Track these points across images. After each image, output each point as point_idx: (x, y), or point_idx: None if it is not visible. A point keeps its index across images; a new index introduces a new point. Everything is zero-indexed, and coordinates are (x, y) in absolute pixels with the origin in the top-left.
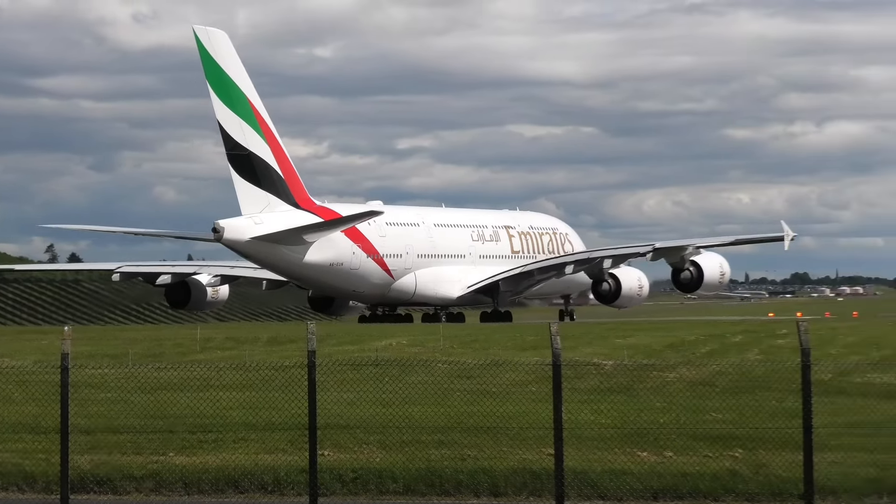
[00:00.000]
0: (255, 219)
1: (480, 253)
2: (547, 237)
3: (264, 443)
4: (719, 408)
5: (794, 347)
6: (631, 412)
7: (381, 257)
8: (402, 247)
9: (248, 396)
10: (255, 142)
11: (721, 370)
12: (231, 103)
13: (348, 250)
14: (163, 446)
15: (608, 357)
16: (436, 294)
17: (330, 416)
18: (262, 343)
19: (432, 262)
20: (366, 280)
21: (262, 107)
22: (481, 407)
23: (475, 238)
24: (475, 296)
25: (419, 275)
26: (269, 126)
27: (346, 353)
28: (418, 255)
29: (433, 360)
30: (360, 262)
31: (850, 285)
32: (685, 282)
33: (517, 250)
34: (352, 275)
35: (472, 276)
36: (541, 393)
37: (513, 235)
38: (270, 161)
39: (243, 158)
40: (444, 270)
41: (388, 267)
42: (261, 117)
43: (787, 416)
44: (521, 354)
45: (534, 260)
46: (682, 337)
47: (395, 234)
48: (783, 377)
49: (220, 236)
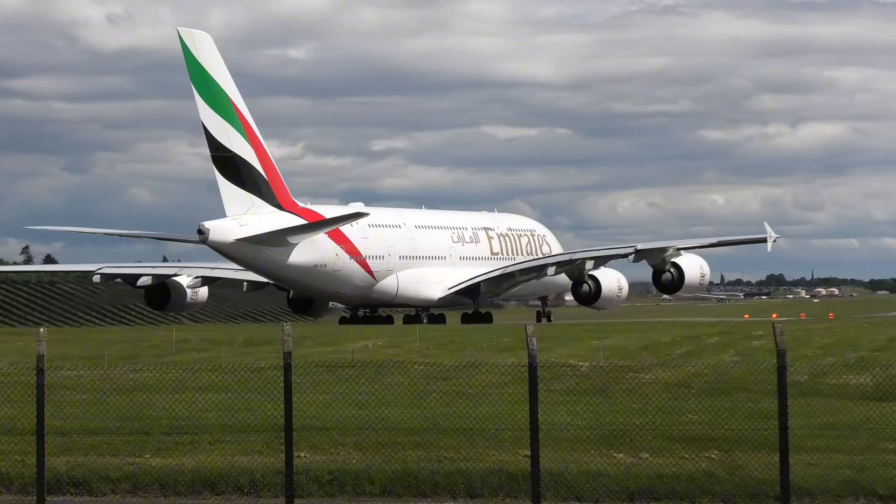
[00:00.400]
0: (240, 220)
1: (461, 254)
2: (525, 239)
3: (240, 444)
4: (695, 409)
5: (769, 349)
6: (607, 413)
7: (364, 259)
8: (385, 248)
9: (224, 398)
10: (238, 144)
11: (697, 371)
12: (215, 105)
13: (331, 252)
14: (139, 448)
15: (584, 358)
16: (417, 295)
17: (306, 418)
18: (238, 345)
19: (414, 263)
20: (348, 281)
21: (246, 108)
22: (457, 408)
23: (455, 240)
24: (456, 297)
25: (401, 276)
26: (253, 128)
27: (323, 355)
28: (400, 257)
29: (409, 362)
30: (343, 264)
31: (825, 287)
32: (666, 283)
33: (496, 252)
34: (335, 276)
35: (453, 278)
36: (517, 394)
37: (492, 237)
38: (254, 163)
39: (227, 160)
40: (426, 272)
41: (371, 268)
42: (244, 119)
43: (762, 418)
44: (497, 356)
45: (512, 261)
46: (658, 338)
47: (377, 235)
48: (759, 378)
49: (206, 238)
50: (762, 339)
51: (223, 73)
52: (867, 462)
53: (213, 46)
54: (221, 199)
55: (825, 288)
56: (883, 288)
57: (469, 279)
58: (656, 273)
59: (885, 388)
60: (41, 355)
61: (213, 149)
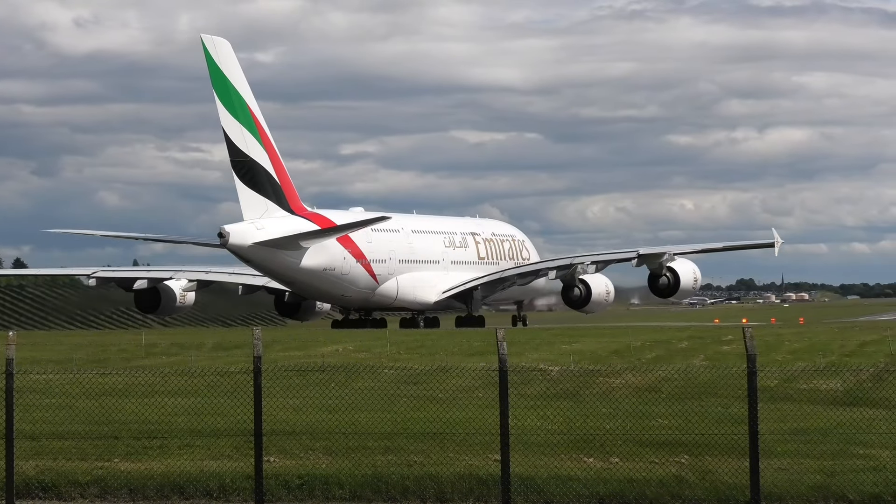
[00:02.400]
0: (257, 224)
1: (452, 259)
2: (507, 244)
3: (210, 449)
4: (665, 413)
5: (739, 353)
6: (577, 418)
7: (369, 262)
8: (387, 252)
9: (194, 402)
10: (255, 149)
11: (667, 376)
12: (234, 111)
13: (340, 255)
14: (108, 452)
15: (554, 363)
16: (415, 299)
17: (276, 422)
18: (207, 349)
19: (412, 267)
20: (354, 285)
21: (260, 114)
22: (428, 413)
23: (447, 244)
24: (449, 301)
25: (401, 280)
26: (267, 133)
27: (293, 359)
28: (399, 261)
29: (379, 366)
30: (350, 268)
31: (795, 291)
32: (662, 287)
33: (483, 256)
34: (342, 279)
35: (446, 282)
36: (487, 399)
37: (479, 242)
38: (268, 168)
39: (245, 165)
40: (423, 276)
41: (374, 272)
42: (259, 124)
43: (733, 423)
44: (467, 360)
45: (496, 266)
46: (628, 343)
47: (380, 239)
48: (729, 383)
49: (226, 241)
50: (732, 344)
51: (241, 78)
52: (837, 467)
53: (232, 53)
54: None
55: (795, 293)
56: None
57: (464, 283)
58: (653, 277)
59: (855, 394)
60: (10, 359)
61: (233, 154)
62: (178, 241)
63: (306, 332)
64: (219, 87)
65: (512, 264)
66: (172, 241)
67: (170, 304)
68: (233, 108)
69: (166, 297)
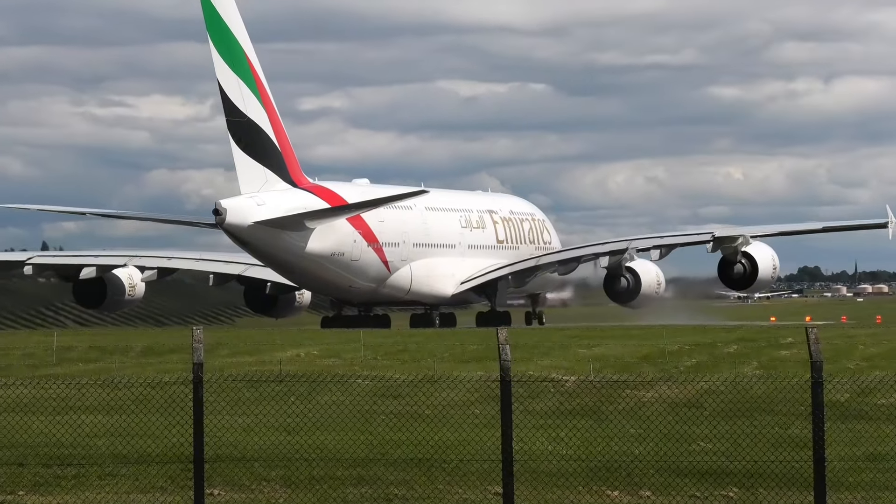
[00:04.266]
0: (257, 199)
1: (469, 242)
2: (527, 224)
3: (138, 479)
4: (709, 436)
5: (802, 360)
6: (598, 441)
7: (381, 246)
8: (400, 234)
9: (118, 421)
10: (253, 107)
11: (711, 388)
12: (232, 61)
13: (350, 238)
14: (11, 483)
15: (570, 371)
16: (430, 291)
17: (221, 446)
18: (135, 353)
19: (426, 252)
20: (364, 273)
21: (259, 66)
22: (411, 434)
23: (464, 225)
24: (466, 294)
25: (415, 268)
26: (266, 89)
27: (243, 367)
28: (413, 245)
29: (351, 375)
30: (361, 252)
31: (871, 283)
32: (736, 276)
33: (501, 239)
34: (351, 267)
35: (464, 270)
36: (486, 416)
37: (496, 222)
38: (268, 130)
39: (242, 126)
40: (438, 263)
41: (386, 258)
42: (259, 78)
43: (793, 447)
44: (461, 367)
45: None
46: (663, 346)
47: (392, 218)
48: (788, 397)
49: (223, 219)
50: (793, 348)
51: (238, 21)
52: None
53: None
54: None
55: (871, 284)
56: None
57: (488, 271)
58: (725, 265)
59: None
60: None
61: (229, 113)
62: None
63: (229, 333)
64: (214, 31)
65: (533, 248)
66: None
67: (117, 297)
68: (230, 57)
69: (113, 290)
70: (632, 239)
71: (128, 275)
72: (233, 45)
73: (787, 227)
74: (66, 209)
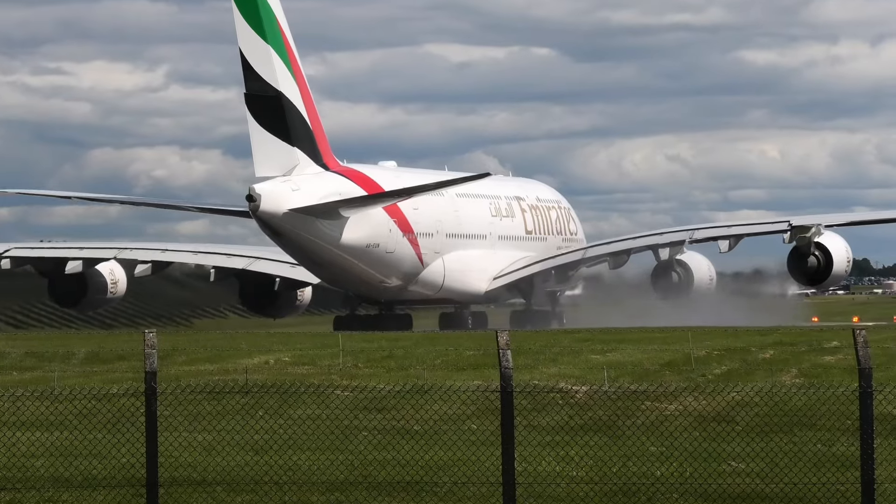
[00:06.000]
0: (291, 183)
1: (500, 233)
2: (554, 213)
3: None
4: (741, 454)
5: (848, 367)
6: (614, 460)
7: (416, 237)
8: (434, 223)
9: (59, 438)
10: (284, 79)
11: (743, 400)
12: (258, 25)
13: (385, 226)
14: None
15: (581, 380)
16: (463, 287)
17: (178, 467)
18: (78, 360)
19: (458, 243)
20: (397, 267)
21: (289, 31)
22: (398, 453)
23: (493, 213)
24: (500, 291)
25: (447, 261)
26: (297, 58)
27: (203, 376)
28: (447, 236)
29: (328, 385)
30: (396, 243)
31: None
32: (810, 270)
33: (530, 230)
34: (386, 259)
35: (495, 264)
36: (484, 432)
37: (524, 210)
38: (299, 106)
39: (269, 101)
40: (471, 256)
41: (420, 250)
42: (289, 46)
43: (838, 466)
44: (455, 376)
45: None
46: (688, 351)
47: (426, 206)
48: (833, 410)
49: (257, 206)
50: (838, 353)
51: None
52: None
53: None
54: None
55: None
56: None
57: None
58: (797, 256)
59: None
60: None
61: (249, 84)
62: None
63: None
64: None
65: (560, 240)
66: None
67: (98, 295)
68: (257, 21)
69: (94, 286)
70: (693, 228)
71: (109, 270)
72: (263, 7)
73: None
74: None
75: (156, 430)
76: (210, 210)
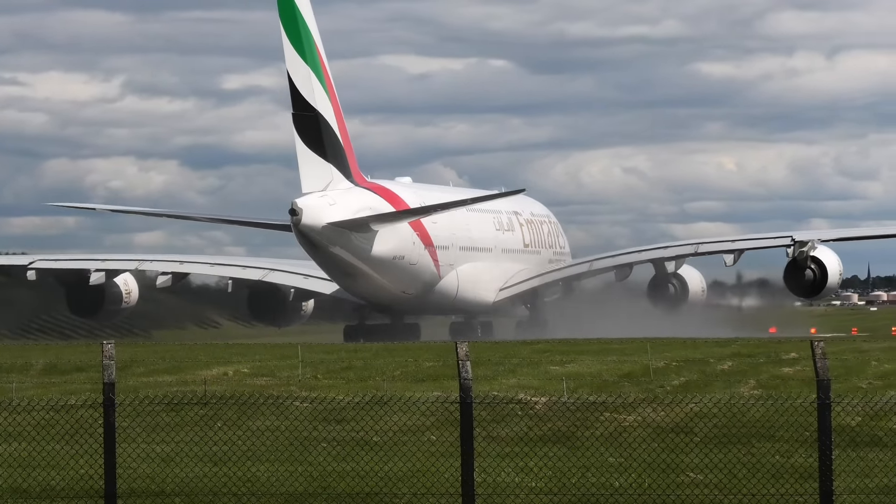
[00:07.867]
0: (328, 198)
1: (503, 246)
2: (546, 227)
3: None
4: (700, 465)
5: (806, 378)
6: (573, 471)
7: (435, 249)
8: (450, 236)
9: (16, 449)
10: (322, 100)
11: (702, 411)
12: (303, 51)
13: (409, 239)
14: None
15: (540, 391)
16: (475, 298)
17: (136, 479)
18: (36, 371)
19: (469, 256)
20: (418, 278)
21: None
22: (357, 464)
23: (497, 227)
24: (505, 302)
25: (461, 272)
26: (330, 77)
27: (161, 387)
28: (460, 248)
29: (287, 397)
30: (419, 255)
31: (886, 289)
32: (806, 283)
33: (527, 243)
34: (409, 271)
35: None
36: (443, 443)
37: (522, 224)
38: (333, 124)
39: (310, 121)
40: (481, 267)
41: (438, 262)
42: (325, 66)
43: (796, 477)
44: (414, 387)
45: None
46: (646, 362)
47: (443, 219)
48: (791, 421)
49: (299, 220)
50: (796, 365)
51: (308, 9)
52: None
53: None
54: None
55: (886, 291)
56: None
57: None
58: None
59: None
60: None
61: (297, 106)
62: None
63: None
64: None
65: (551, 253)
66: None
67: (114, 305)
68: (301, 46)
69: (111, 297)
70: (699, 242)
71: (123, 281)
72: (305, 34)
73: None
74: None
75: (114, 441)
76: (254, 224)
